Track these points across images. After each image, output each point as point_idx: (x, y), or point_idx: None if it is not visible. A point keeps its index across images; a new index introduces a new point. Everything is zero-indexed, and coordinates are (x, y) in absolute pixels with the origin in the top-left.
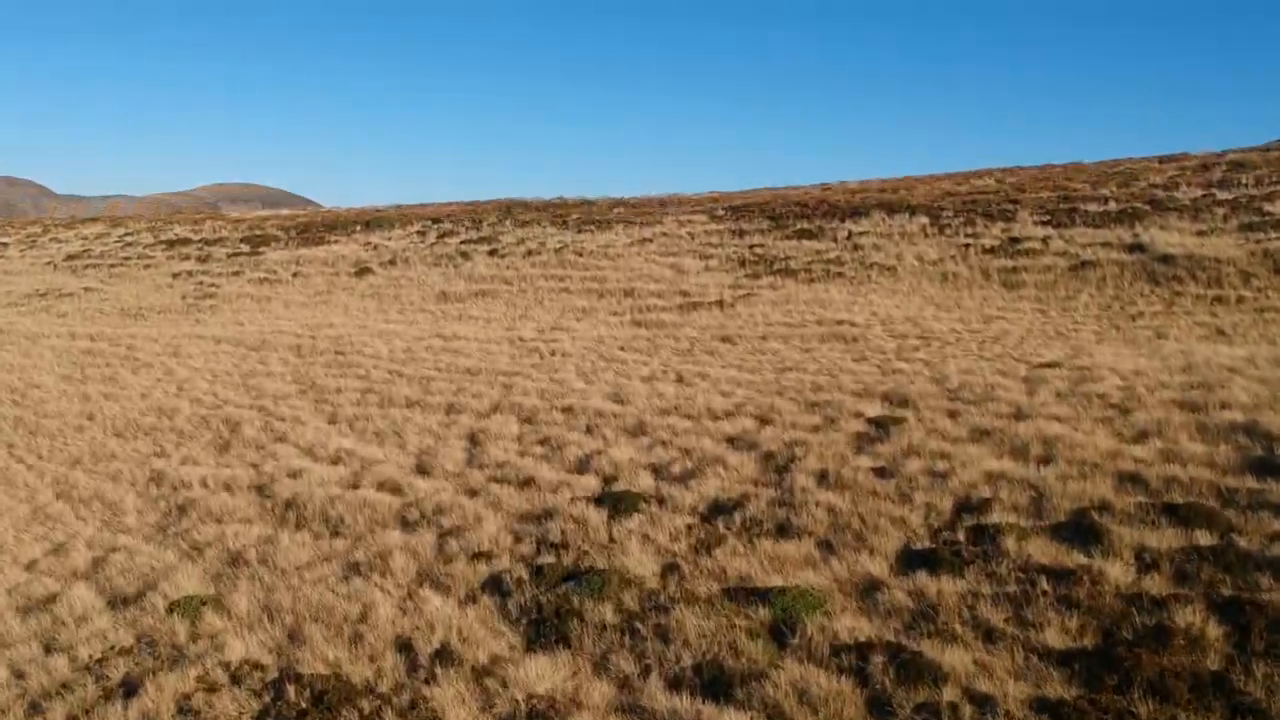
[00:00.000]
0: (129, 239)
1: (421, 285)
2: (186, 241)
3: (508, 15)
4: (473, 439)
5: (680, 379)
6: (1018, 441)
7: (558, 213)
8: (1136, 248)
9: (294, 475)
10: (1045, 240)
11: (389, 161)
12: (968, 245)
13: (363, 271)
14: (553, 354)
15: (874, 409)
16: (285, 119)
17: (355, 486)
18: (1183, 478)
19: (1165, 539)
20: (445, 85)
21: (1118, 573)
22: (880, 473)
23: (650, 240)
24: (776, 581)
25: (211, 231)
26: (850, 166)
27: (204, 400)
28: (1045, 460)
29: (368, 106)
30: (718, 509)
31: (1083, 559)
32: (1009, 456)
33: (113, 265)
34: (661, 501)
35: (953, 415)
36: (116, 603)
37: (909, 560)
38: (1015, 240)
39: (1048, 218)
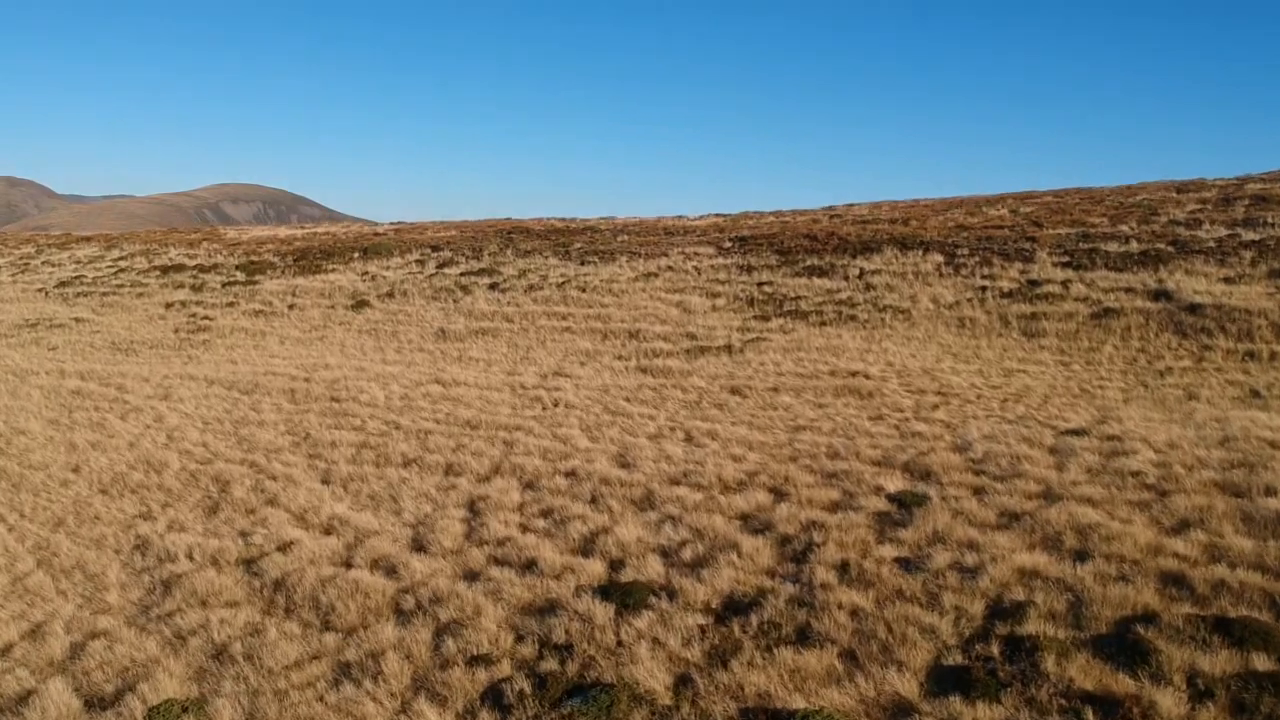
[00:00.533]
0: (122, 263)
1: (420, 322)
2: (181, 268)
3: (516, 18)
4: (472, 507)
5: (689, 438)
6: (1050, 530)
7: (560, 241)
8: (1162, 294)
9: (284, 548)
10: (1065, 284)
11: (392, 163)
12: (984, 288)
13: (360, 304)
14: (555, 404)
15: (894, 483)
16: (288, 120)
17: (348, 565)
18: (1231, 582)
19: (1219, 662)
20: (451, 92)
21: (1170, 704)
22: (905, 565)
23: (655, 275)
24: (799, 703)
25: (207, 256)
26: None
27: (194, 452)
28: (1081, 555)
29: (371, 109)
30: (733, 607)
31: (1130, 684)
32: (1041, 549)
33: (105, 294)
34: (672, 595)
35: (978, 493)
36: (94, 704)
37: (940, 678)
38: (1034, 283)
39: (1067, 258)
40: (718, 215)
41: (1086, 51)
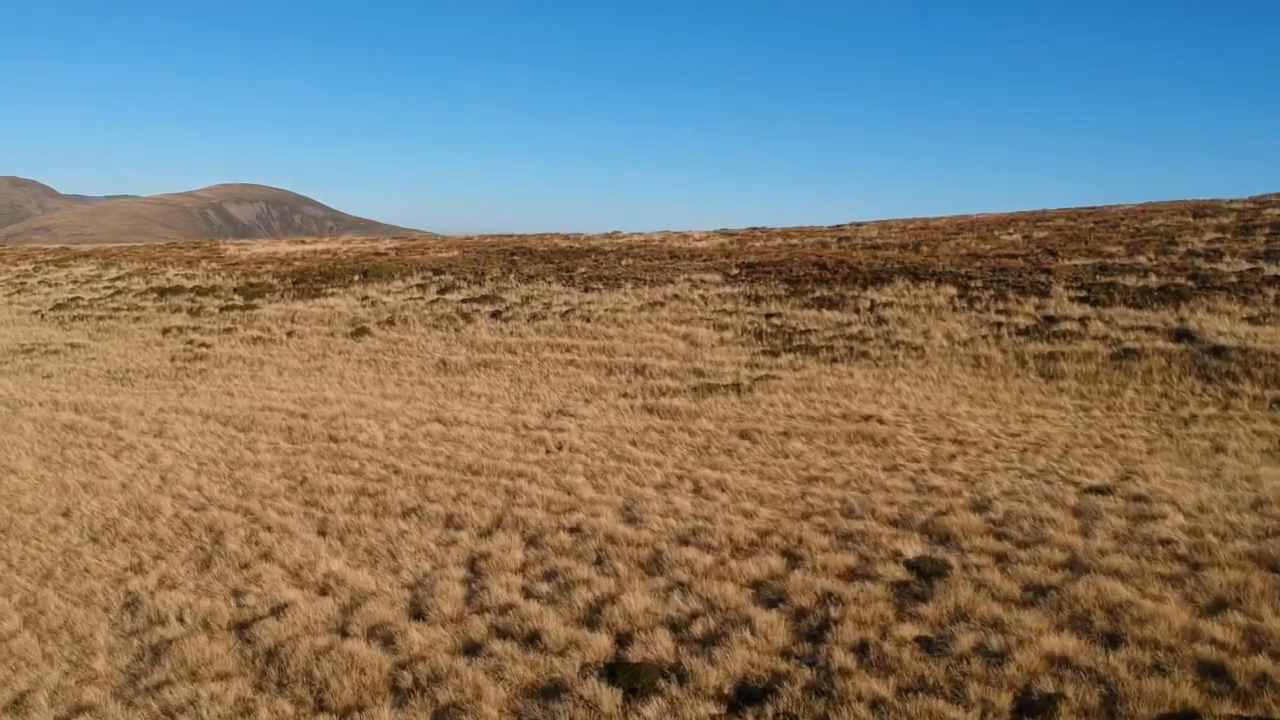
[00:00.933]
0: (119, 284)
1: (421, 352)
2: (178, 290)
3: (516, 18)
4: (473, 566)
5: (697, 488)
6: (1078, 608)
7: (563, 265)
8: (1183, 335)
9: (278, 611)
10: (1084, 321)
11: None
12: (999, 324)
13: (360, 332)
14: (559, 448)
15: (913, 548)
16: (292, 120)
17: (344, 633)
18: (1275, 676)
19: None
20: (453, 91)
21: None
22: (927, 646)
23: (661, 304)
24: None
25: (205, 277)
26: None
27: (187, 497)
28: (1113, 639)
29: (374, 109)
30: (747, 694)
31: None
32: (1070, 630)
33: (101, 318)
34: (682, 679)
35: (1001, 561)
36: None
37: None
38: (1051, 320)
39: (1084, 293)
40: (723, 235)
41: (1098, 61)
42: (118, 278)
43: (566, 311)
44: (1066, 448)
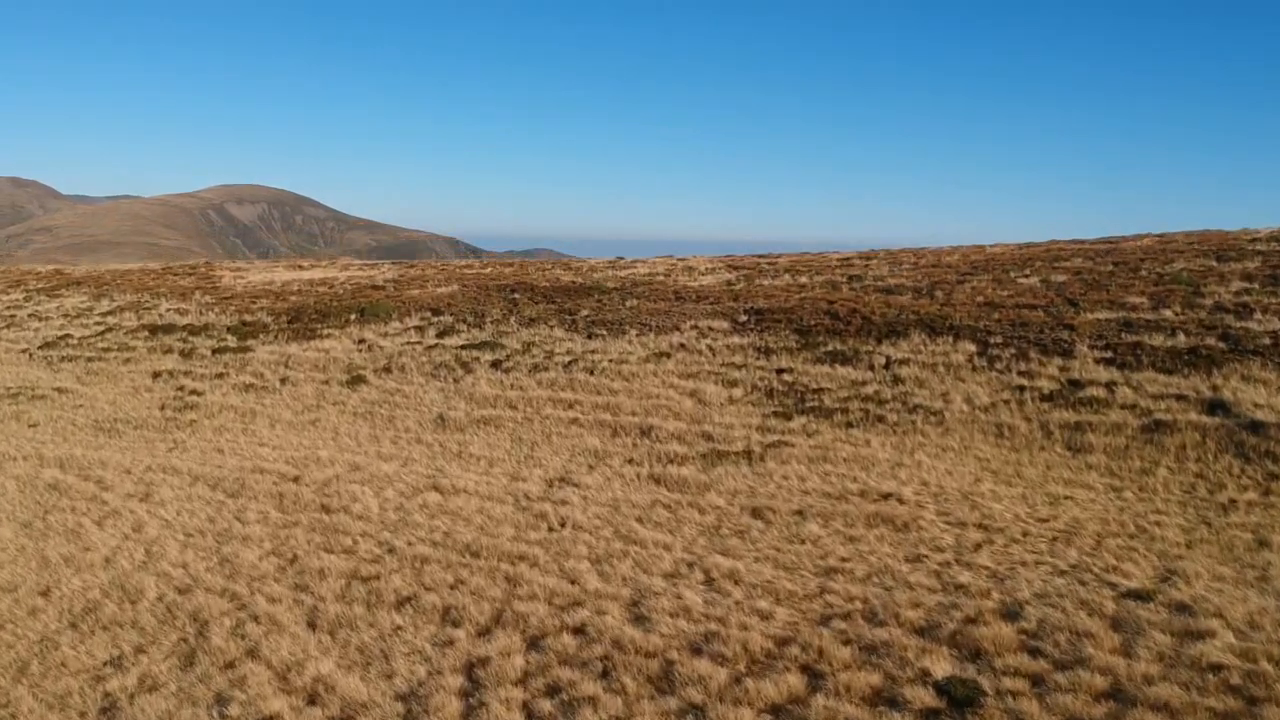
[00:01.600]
0: (110, 320)
1: (418, 405)
2: (170, 328)
3: (516, 18)
4: (470, 674)
5: (708, 578)
6: None
7: (565, 307)
8: (1218, 406)
9: None
10: (1110, 387)
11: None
12: (1022, 388)
13: (356, 380)
14: (562, 525)
15: (941, 665)
16: (294, 120)
17: None
18: None
19: None
20: (454, 92)
21: None
22: None
23: (668, 355)
24: None
25: (199, 313)
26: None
27: (172, 576)
28: None
29: (376, 110)
30: None
31: None
32: None
33: (90, 359)
34: None
35: (1037, 685)
36: None
37: None
38: (1076, 384)
39: (1110, 353)
40: (728, 268)
41: (1115, 67)
42: (109, 312)
43: (570, 362)
44: (1099, 538)
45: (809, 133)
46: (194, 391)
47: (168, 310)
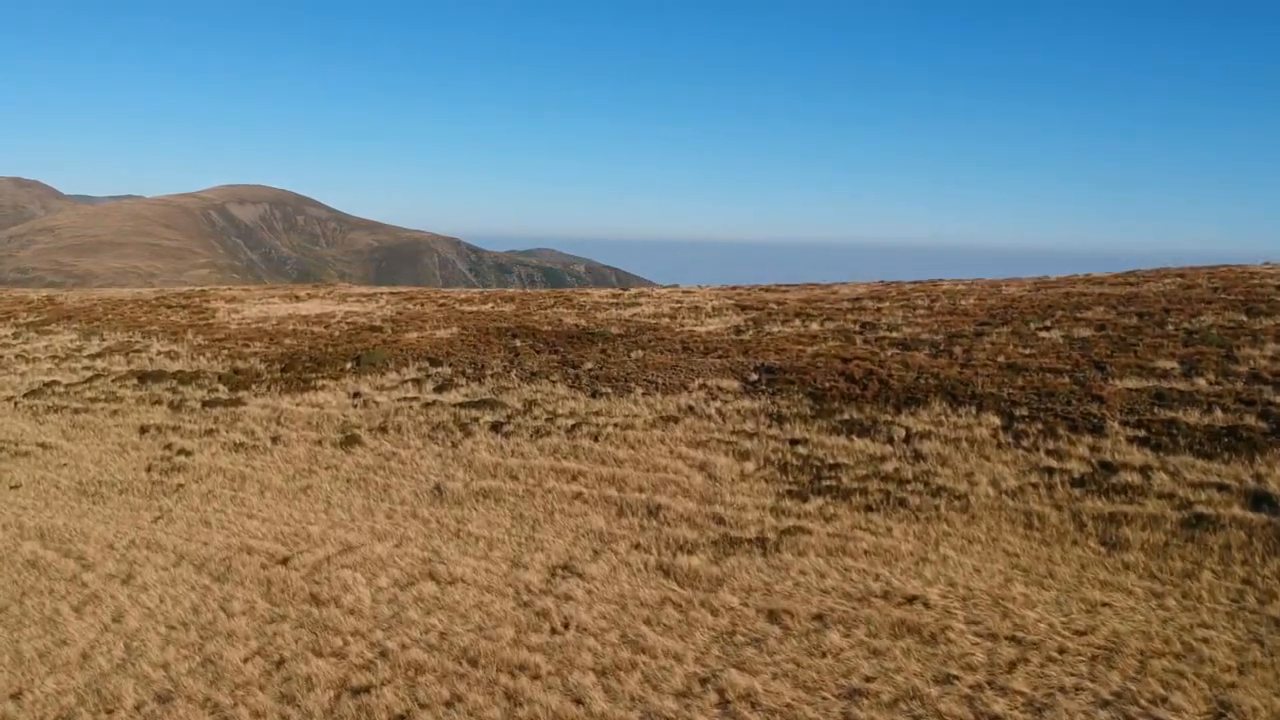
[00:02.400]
0: (99, 363)
1: (415, 473)
2: (160, 375)
3: (516, 18)
4: None
5: (723, 699)
6: None
7: (568, 357)
8: (1263, 500)
9: None
10: (1145, 472)
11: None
12: (1051, 470)
13: (350, 441)
14: (566, 625)
15: None
16: (296, 120)
17: None
18: None
19: None
20: (454, 92)
21: None
22: None
23: (675, 420)
24: None
25: (190, 357)
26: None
27: (153, 679)
28: None
29: (378, 110)
30: None
31: None
32: None
33: (77, 410)
34: None
35: None
36: None
37: None
38: (1108, 467)
39: (1143, 431)
40: (736, 309)
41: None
42: (98, 354)
43: (573, 426)
44: (1142, 657)
45: (809, 133)
46: (182, 451)
47: (158, 354)
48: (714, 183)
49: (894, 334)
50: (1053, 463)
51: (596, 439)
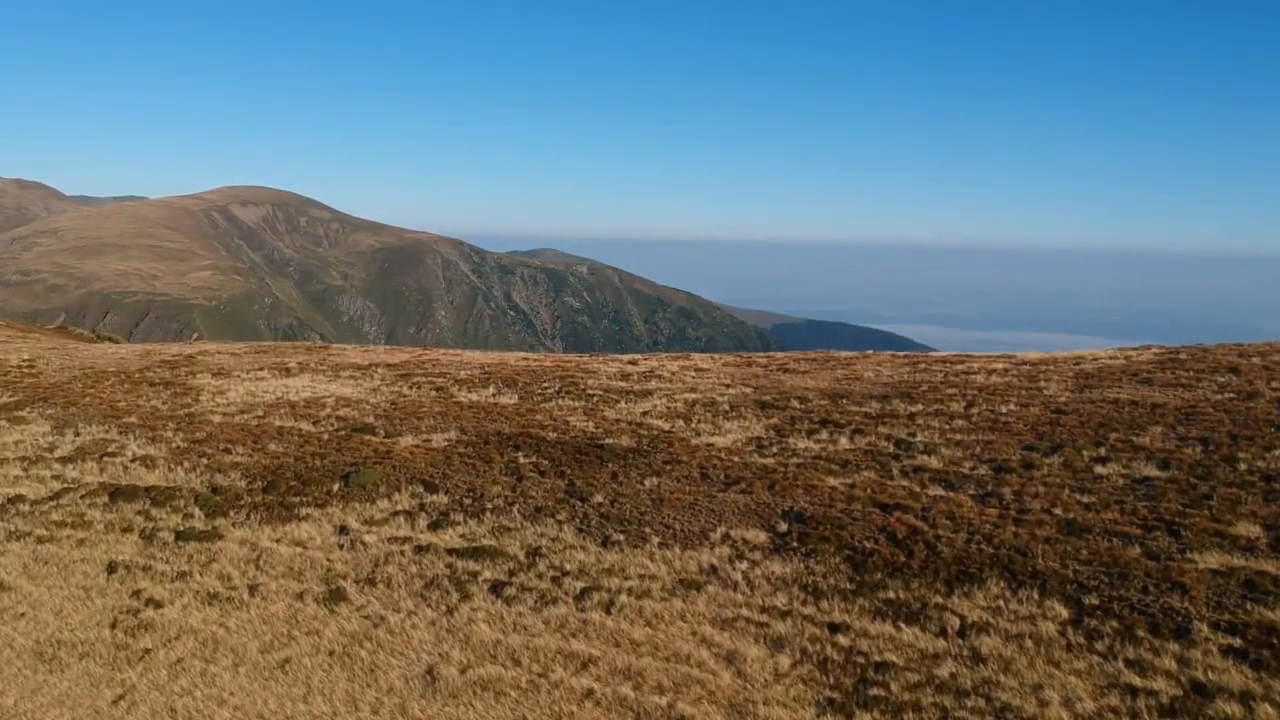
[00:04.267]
0: (70, 470)
1: (405, 648)
2: (133, 492)
3: (516, 18)
4: None
5: None
6: None
7: (576, 479)
8: None
9: None
10: (1247, 701)
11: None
12: (1134, 690)
13: (334, 596)
14: None
15: None
16: (299, 121)
17: None
18: None
19: None
20: (456, 92)
21: None
22: None
23: (697, 586)
24: None
25: (168, 462)
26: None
27: None
28: None
29: (381, 110)
30: None
31: None
32: None
33: (41, 538)
34: None
35: None
36: None
37: None
38: (1202, 691)
39: (1237, 639)
40: (757, 406)
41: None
42: (69, 457)
43: (583, 591)
44: None
45: (810, 131)
46: (151, 600)
47: (133, 459)
48: (715, 181)
49: (932, 460)
50: (1135, 678)
51: (609, 610)
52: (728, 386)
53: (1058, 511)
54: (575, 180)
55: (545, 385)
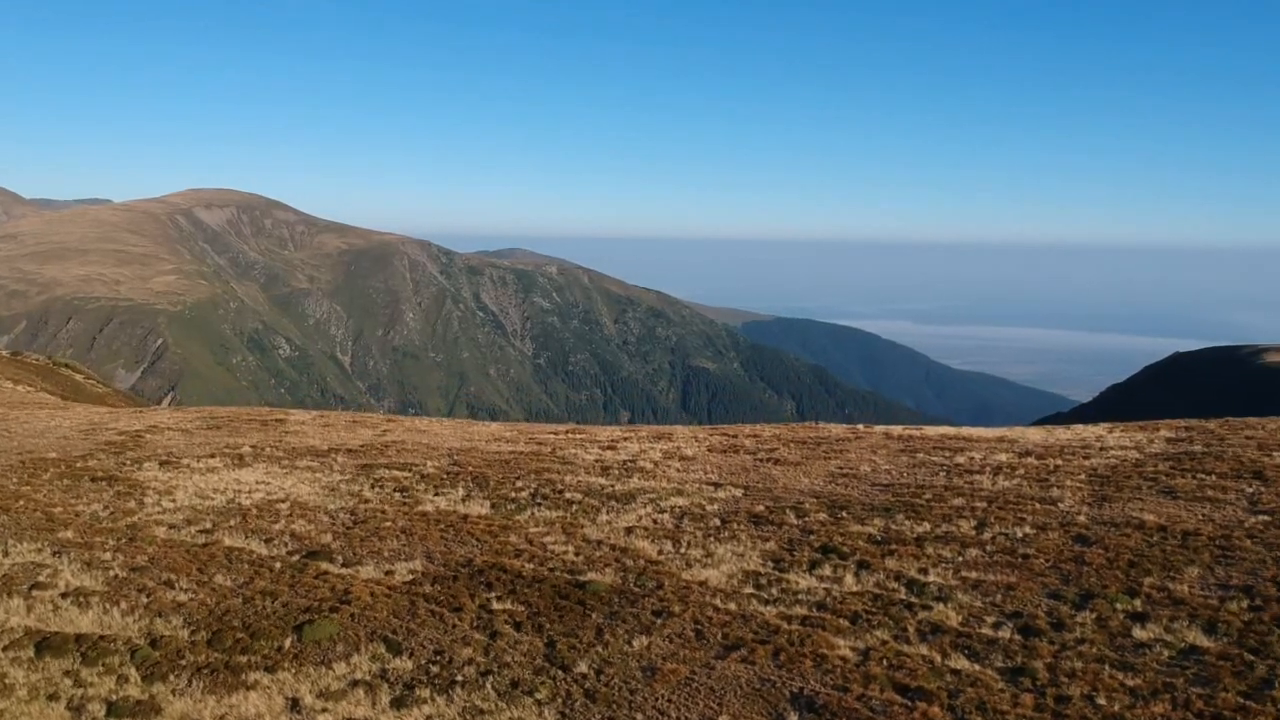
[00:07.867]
0: (22, 620)
1: None
2: (62, 646)
3: (513, 17)
4: None
5: None
6: None
7: (555, 633)
8: None
9: None
10: None
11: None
12: None
13: None
14: None
15: None
16: (266, 123)
17: None
18: None
19: None
20: (430, 94)
21: None
22: None
23: None
24: None
25: (104, 599)
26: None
27: None
28: None
29: (347, 110)
30: None
31: None
32: None
33: None
34: None
35: None
36: None
37: None
38: None
39: None
40: (745, 506)
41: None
42: (6, 624)
43: None
44: None
45: (780, 131)
46: None
47: (65, 594)
48: (684, 180)
49: (949, 611)
50: None
51: None
52: (716, 487)
53: (1101, 702)
54: (544, 179)
55: (519, 483)
